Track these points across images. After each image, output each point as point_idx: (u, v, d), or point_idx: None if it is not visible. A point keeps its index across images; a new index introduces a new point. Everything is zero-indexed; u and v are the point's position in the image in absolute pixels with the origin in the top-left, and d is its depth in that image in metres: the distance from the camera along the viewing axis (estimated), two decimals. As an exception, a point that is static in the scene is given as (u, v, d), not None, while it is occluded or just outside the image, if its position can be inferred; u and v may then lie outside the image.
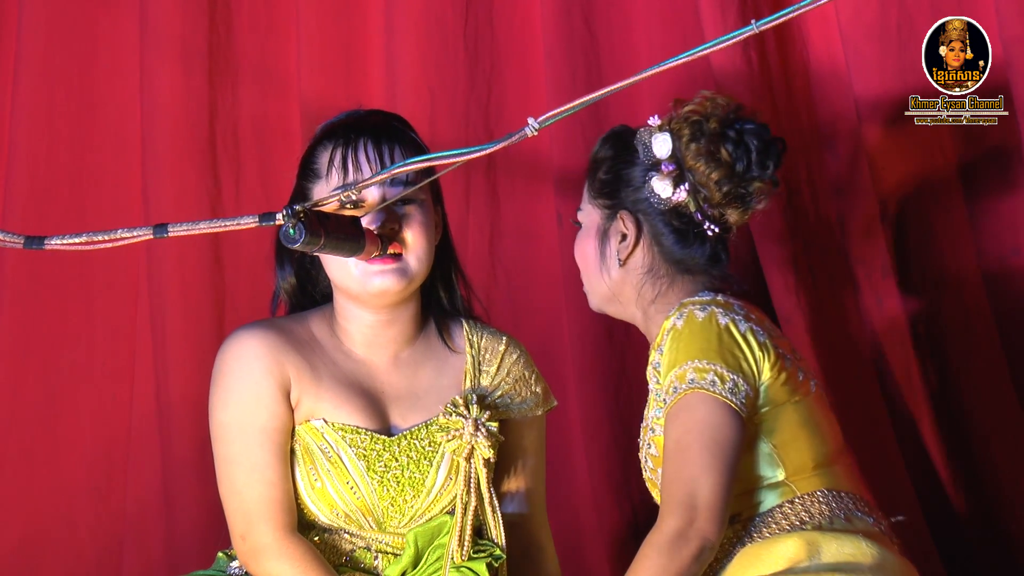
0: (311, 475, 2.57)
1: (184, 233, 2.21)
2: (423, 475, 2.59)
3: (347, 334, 2.64)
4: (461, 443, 2.57)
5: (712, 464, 2.37)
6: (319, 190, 2.59)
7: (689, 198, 2.55)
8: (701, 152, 2.52)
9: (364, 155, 2.57)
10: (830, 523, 2.44)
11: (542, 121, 2.11)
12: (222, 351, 2.60)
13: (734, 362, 2.42)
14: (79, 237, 2.23)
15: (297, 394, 2.58)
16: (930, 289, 3.15)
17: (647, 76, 2.08)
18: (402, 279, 2.57)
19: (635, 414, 3.26)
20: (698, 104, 2.55)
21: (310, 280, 2.70)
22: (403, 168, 2.25)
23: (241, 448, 2.55)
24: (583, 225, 2.66)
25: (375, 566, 2.62)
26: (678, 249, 2.58)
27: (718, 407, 2.39)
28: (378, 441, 2.58)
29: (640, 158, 2.58)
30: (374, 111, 2.69)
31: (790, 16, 2.02)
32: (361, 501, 2.57)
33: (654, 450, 2.54)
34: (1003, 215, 3.10)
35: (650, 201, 2.56)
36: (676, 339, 2.45)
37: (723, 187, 2.53)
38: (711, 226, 2.56)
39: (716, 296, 2.50)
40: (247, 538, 2.55)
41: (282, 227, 2.26)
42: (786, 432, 2.47)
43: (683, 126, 2.54)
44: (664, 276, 2.58)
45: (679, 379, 2.42)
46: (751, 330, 2.46)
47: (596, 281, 2.64)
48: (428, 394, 2.65)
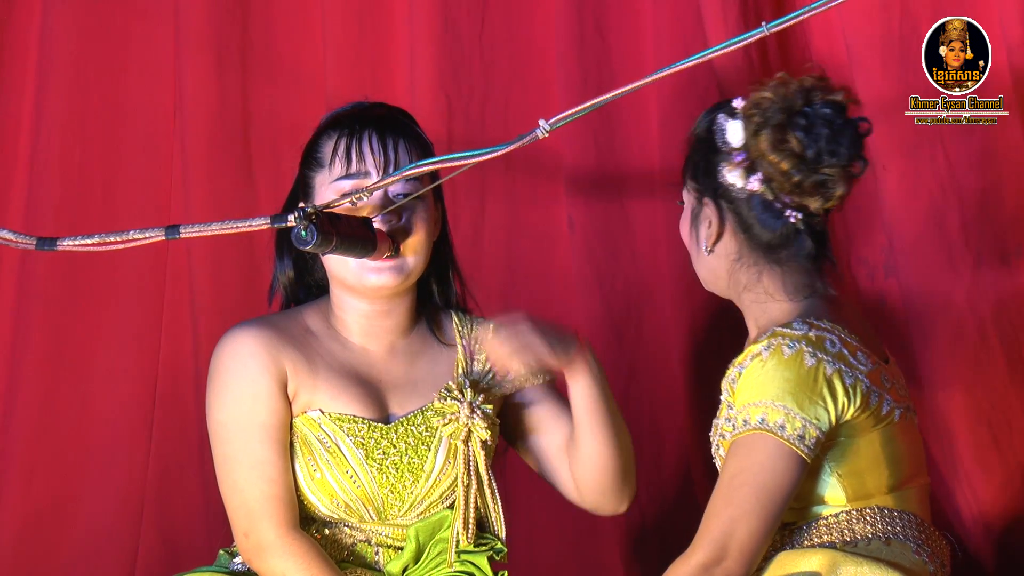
0: (310, 466, 2.58)
1: (196, 234, 2.22)
2: (421, 460, 2.60)
3: (343, 324, 2.65)
4: (458, 426, 2.58)
5: (757, 510, 2.37)
6: (321, 179, 2.60)
7: (764, 187, 2.46)
8: (769, 141, 2.43)
9: (368, 146, 2.58)
10: (867, 544, 2.44)
11: (553, 123, 2.12)
12: (218, 350, 2.61)
13: (811, 407, 2.38)
14: (91, 238, 2.23)
15: (294, 387, 2.59)
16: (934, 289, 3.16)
17: (656, 79, 2.09)
18: (399, 275, 2.58)
19: (644, 417, 3.29)
20: (771, 89, 2.46)
21: (308, 271, 2.72)
22: (417, 170, 2.26)
23: (241, 446, 2.56)
24: (684, 205, 2.58)
25: (376, 561, 2.63)
26: (764, 237, 2.50)
27: (781, 453, 2.37)
28: (375, 429, 2.59)
29: (718, 144, 2.50)
30: (379, 103, 2.70)
31: (800, 19, 2.03)
32: (361, 490, 2.57)
33: (722, 451, 2.53)
34: (1004, 215, 3.12)
35: (729, 189, 2.50)
36: (758, 371, 2.41)
37: (793, 177, 2.43)
38: (792, 213, 2.48)
39: (809, 330, 2.42)
40: (250, 535, 2.56)
41: (294, 229, 2.27)
42: (854, 463, 2.45)
43: (752, 113, 2.45)
44: (753, 265, 2.51)
45: (751, 415, 2.39)
46: (839, 372, 2.40)
47: (696, 264, 2.59)
48: (424, 382, 2.66)
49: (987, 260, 3.10)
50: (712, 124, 2.52)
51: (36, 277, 3.31)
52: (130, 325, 3.35)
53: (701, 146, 2.53)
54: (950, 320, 3.13)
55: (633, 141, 3.33)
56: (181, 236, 2.22)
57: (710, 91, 3.22)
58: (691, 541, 2.47)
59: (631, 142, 3.33)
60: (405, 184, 2.56)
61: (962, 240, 3.11)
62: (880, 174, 3.11)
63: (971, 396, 3.13)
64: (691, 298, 3.23)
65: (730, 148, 2.48)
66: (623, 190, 3.33)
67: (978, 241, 3.09)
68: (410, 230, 2.58)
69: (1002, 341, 3.09)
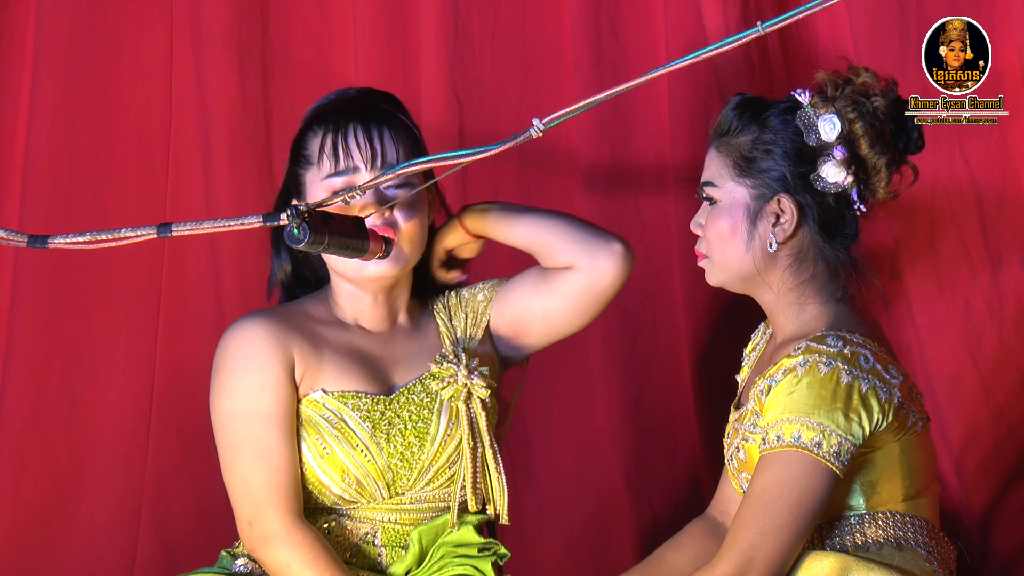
0: (319, 445, 2.59)
1: (188, 233, 2.22)
2: (426, 424, 2.62)
3: (344, 311, 2.69)
4: (457, 387, 2.62)
5: (787, 525, 2.38)
6: (311, 177, 2.62)
7: (853, 181, 2.49)
8: (870, 135, 2.47)
9: (354, 140, 2.59)
10: (879, 549, 2.46)
11: (547, 122, 2.12)
12: (223, 341, 2.61)
13: (845, 424, 2.38)
14: (83, 236, 2.23)
15: (301, 371, 2.60)
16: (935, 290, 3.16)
17: (654, 77, 2.09)
18: (396, 264, 2.61)
19: (656, 423, 3.29)
20: (860, 83, 2.49)
21: (306, 263, 2.73)
22: (411, 168, 2.26)
23: (247, 435, 2.57)
24: (722, 202, 2.54)
25: (379, 562, 2.63)
26: (841, 231, 2.52)
27: (817, 471, 2.38)
28: (379, 402, 2.61)
29: (804, 140, 2.49)
30: (363, 91, 2.71)
31: (794, 19, 2.03)
32: (371, 463, 2.59)
33: (742, 454, 2.55)
34: (1006, 215, 3.11)
35: (814, 185, 2.50)
36: (791, 386, 2.41)
37: (891, 169, 2.49)
38: (860, 205, 2.51)
39: (844, 347, 2.42)
40: (254, 524, 2.56)
41: (286, 227, 2.26)
42: (877, 471, 2.47)
43: (848, 107, 2.48)
44: (808, 262, 2.52)
45: (784, 431, 2.40)
46: (874, 389, 2.41)
47: (735, 259, 2.54)
48: (421, 353, 2.69)
49: (994, 260, 3.11)
50: (761, 116, 2.51)
51: (30, 276, 3.31)
52: (125, 325, 3.34)
53: (764, 142, 2.51)
54: (967, 322, 3.13)
55: (647, 140, 3.33)
56: (173, 235, 2.22)
57: (712, 91, 3.21)
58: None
59: (644, 141, 3.33)
60: (398, 179, 2.55)
61: (965, 240, 3.11)
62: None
63: (990, 399, 3.13)
64: (704, 295, 3.23)
65: (823, 144, 2.48)
66: (637, 189, 3.33)
67: (997, 243, 3.10)
68: (404, 220, 2.60)
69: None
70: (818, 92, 2.51)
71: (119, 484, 3.32)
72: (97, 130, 3.34)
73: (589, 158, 3.31)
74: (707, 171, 2.57)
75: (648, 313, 3.33)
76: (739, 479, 2.59)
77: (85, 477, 3.33)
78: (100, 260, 3.26)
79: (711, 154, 2.57)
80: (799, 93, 2.51)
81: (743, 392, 2.67)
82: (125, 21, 3.34)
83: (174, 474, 3.31)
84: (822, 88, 2.51)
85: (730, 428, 2.63)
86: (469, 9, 3.31)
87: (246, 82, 3.32)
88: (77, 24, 3.32)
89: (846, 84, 2.49)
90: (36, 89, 3.31)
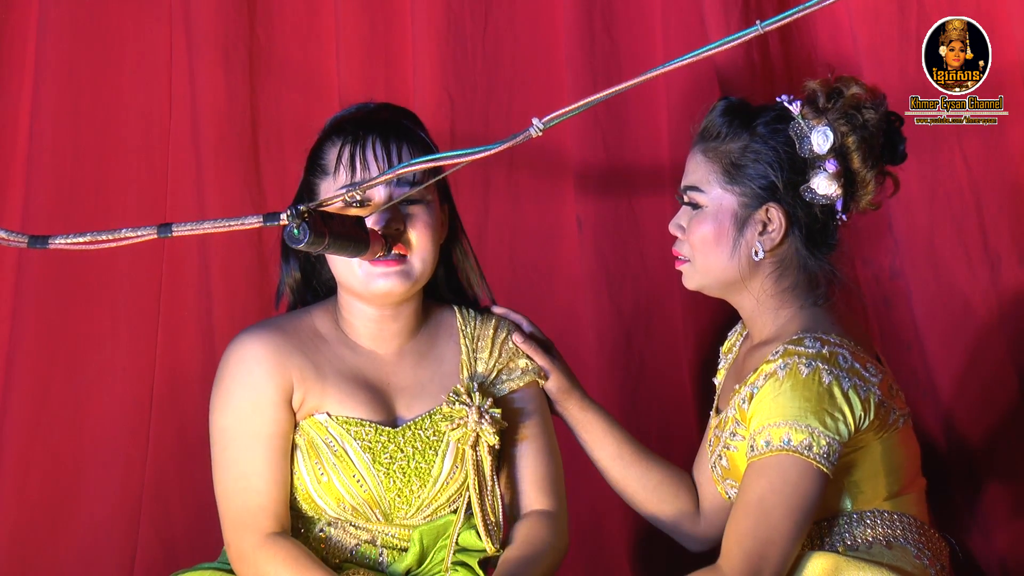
0: (316, 470, 2.57)
1: (188, 233, 2.20)
2: (429, 465, 2.59)
3: (351, 328, 2.64)
4: (466, 431, 2.57)
5: (791, 531, 2.38)
6: (326, 187, 2.58)
7: (841, 192, 2.50)
8: (863, 149, 2.48)
9: (372, 153, 2.56)
10: (868, 548, 2.46)
11: (546, 121, 2.11)
12: (226, 355, 2.60)
13: (832, 424, 2.39)
14: (83, 236, 2.22)
15: (301, 394, 2.58)
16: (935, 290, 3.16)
17: (651, 77, 2.08)
18: (406, 281, 2.57)
19: (651, 422, 3.28)
20: (851, 95, 2.48)
21: (314, 274, 2.71)
22: (408, 168, 2.24)
23: (233, 455, 2.55)
24: (707, 207, 2.53)
25: (379, 562, 2.62)
26: (825, 241, 2.53)
27: (809, 473, 2.38)
28: (383, 433, 2.58)
29: (795, 151, 2.49)
30: (384, 106, 2.68)
31: (793, 17, 2.03)
32: (368, 494, 2.56)
33: (725, 462, 2.55)
34: (1005, 215, 3.11)
35: (803, 196, 2.50)
36: (775, 391, 2.41)
37: (878, 181, 2.51)
38: (842, 215, 2.52)
39: (822, 347, 2.42)
40: (231, 544, 2.56)
41: (286, 227, 2.26)
42: (860, 471, 2.48)
43: (840, 119, 2.48)
44: (791, 271, 2.52)
45: (772, 436, 2.40)
46: (854, 387, 2.41)
47: (718, 265, 2.54)
48: (431, 383, 2.65)
49: (992, 259, 3.11)
50: (750, 124, 2.50)
51: (32, 276, 3.30)
52: (126, 324, 3.34)
53: (753, 151, 2.51)
54: (968, 322, 3.13)
55: (642, 141, 3.33)
56: (173, 235, 2.20)
57: (713, 90, 3.21)
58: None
59: (640, 142, 3.33)
60: (402, 185, 2.54)
61: (965, 240, 3.11)
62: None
63: (990, 399, 3.13)
64: (703, 296, 3.22)
65: (815, 155, 2.48)
66: (632, 189, 3.32)
67: (997, 243, 3.10)
68: (414, 234, 2.56)
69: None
70: (809, 102, 2.50)
71: (119, 483, 3.32)
72: (99, 130, 3.34)
73: (583, 158, 3.30)
74: (692, 175, 2.56)
75: (643, 314, 3.33)
76: (723, 485, 2.60)
77: (86, 476, 3.33)
78: (102, 260, 3.25)
79: (696, 158, 2.55)
80: (788, 102, 2.51)
81: (720, 397, 2.67)
82: (126, 22, 3.34)
83: (174, 474, 3.31)
84: (813, 98, 2.50)
85: (711, 435, 2.63)
86: (461, 6, 3.30)
87: (232, 80, 3.31)
88: (78, 25, 3.32)
89: (838, 96, 2.49)
90: (38, 90, 3.31)
